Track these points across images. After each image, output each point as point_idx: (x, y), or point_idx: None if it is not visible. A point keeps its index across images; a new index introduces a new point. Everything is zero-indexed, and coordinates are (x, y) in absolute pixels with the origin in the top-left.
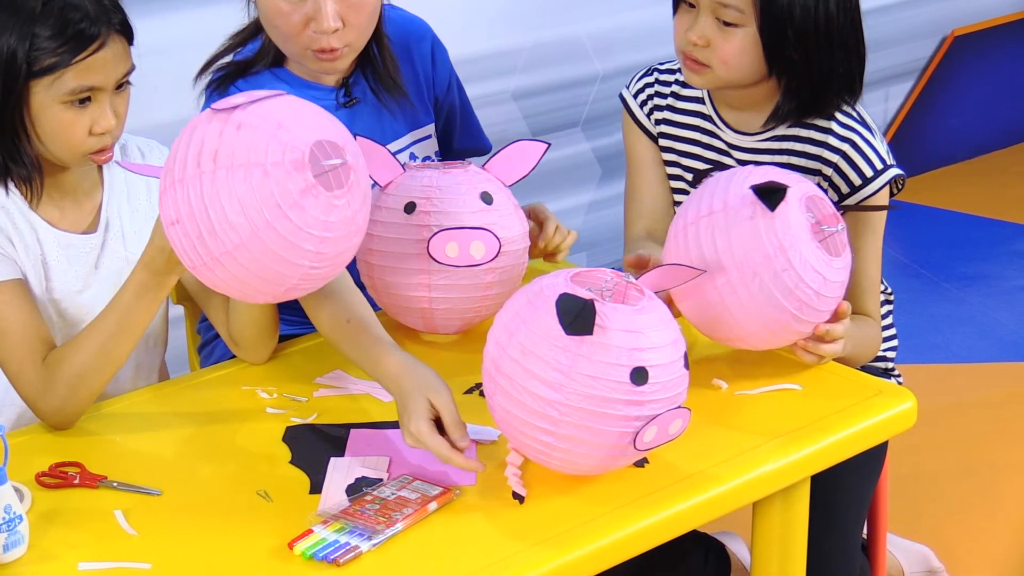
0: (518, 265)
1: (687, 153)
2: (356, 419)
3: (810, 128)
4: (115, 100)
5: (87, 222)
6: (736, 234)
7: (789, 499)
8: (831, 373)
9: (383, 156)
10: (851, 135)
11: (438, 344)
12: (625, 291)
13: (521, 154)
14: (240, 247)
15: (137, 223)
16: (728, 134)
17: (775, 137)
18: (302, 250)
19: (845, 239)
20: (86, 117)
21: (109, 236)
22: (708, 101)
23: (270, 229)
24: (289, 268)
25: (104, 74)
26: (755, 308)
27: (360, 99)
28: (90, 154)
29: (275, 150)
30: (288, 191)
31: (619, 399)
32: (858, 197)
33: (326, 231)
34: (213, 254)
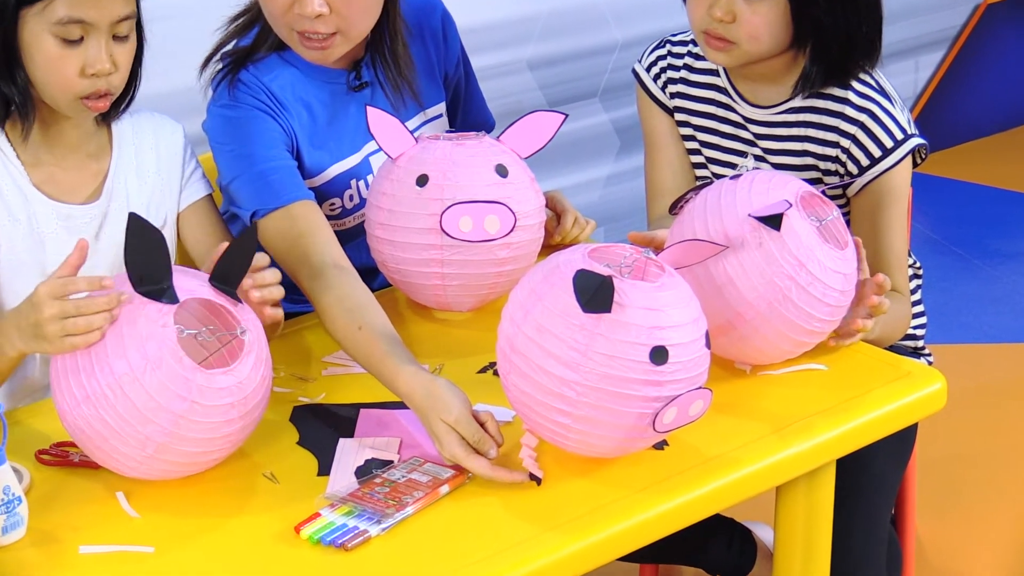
0: (534, 240)
1: (703, 127)
2: (366, 399)
3: (827, 99)
4: (115, 48)
5: (90, 190)
6: (751, 265)
7: (814, 483)
8: (858, 353)
9: (395, 127)
10: (869, 105)
11: (451, 322)
12: (644, 267)
13: (537, 126)
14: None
15: (145, 196)
16: (744, 108)
17: (792, 110)
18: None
19: (843, 223)
20: (78, 55)
21: (112, 207)
22: (723, 74)
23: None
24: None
25: (97, 9)
26: (788, 329)
27: (371, 82)
28: (83, 98)
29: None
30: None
31: (638, 379)
32: (878, 169)
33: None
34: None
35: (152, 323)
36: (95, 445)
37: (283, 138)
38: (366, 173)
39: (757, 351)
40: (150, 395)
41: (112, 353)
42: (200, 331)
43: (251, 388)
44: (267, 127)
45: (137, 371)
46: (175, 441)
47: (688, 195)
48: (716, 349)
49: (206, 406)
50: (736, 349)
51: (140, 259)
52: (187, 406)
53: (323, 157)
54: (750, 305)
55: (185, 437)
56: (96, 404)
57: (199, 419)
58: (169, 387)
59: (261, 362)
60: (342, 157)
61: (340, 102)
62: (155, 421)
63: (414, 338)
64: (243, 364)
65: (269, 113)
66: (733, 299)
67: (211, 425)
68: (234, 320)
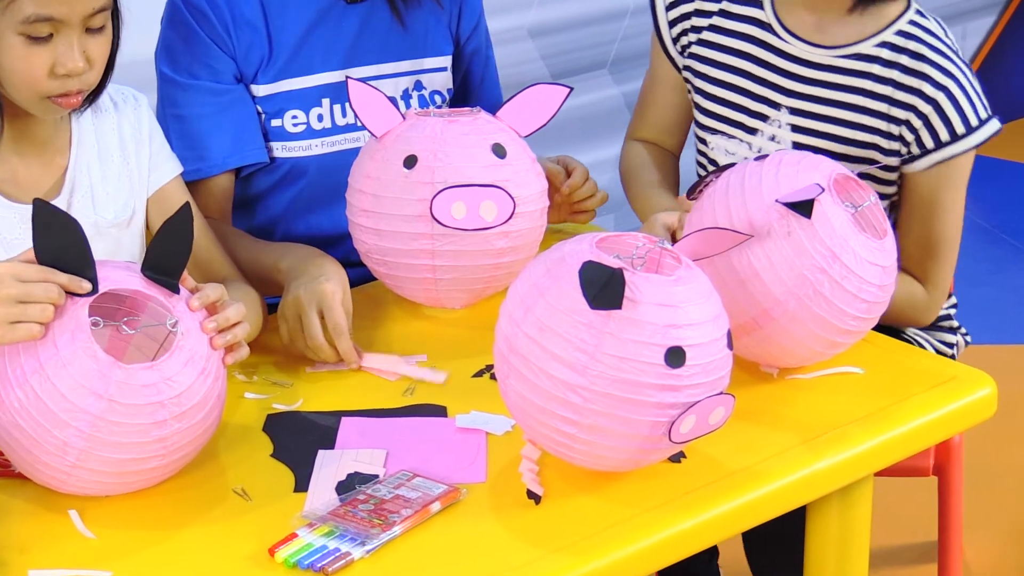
0: (535, 228)
1: (734, 68)
2: (348, 406)
3: (901, 52)
4: (87, 42)
5: (49, 184)
6: (778, 256)
7: (848, 500)
8: (898, 355)
9: (379, 102)
10: (948, 82)
11: (443, 320)
12: (659, 259)
13: (539, 100)
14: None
15: (110, 184)
16: (795, 45)
17: (857, 56)
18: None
19: (880, 210)
20: (47, 54)
21: (76, 199)
22: (769, 5)
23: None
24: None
25: (68, 5)
26: (820, 327)
27: (369, 0)
28: (51, 98)
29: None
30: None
31: (652, 383)
32: (945, 153)
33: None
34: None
35: (66, 316)
36: (21, 457)
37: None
38: (345, 98)
39: (785, 352)
40: (62, 395)
41: (23, 350)
42: (120, 323)
43: (184, 386)
44: (207, 55)
45: (48, 368)
46: (97, 446)
47: (708, 178)
48: (739, 350)
49: (127, 405)
50: (761, 350)
51: (50, 246)
52: (104, 405)
53: (295, 64)
54: (777, 301)
55: (107, 441)
56: (11, 409)
57: (120, 419)
58: (83, 384)
59: (199, 360)
60: (318, 71)
61: (329, 11)
62: (71, 424)
63: (401, 338)
64: (172, 359)
65: (214, 36)
66: (758, 294)
67: (136, 428)
68: (165, 311)
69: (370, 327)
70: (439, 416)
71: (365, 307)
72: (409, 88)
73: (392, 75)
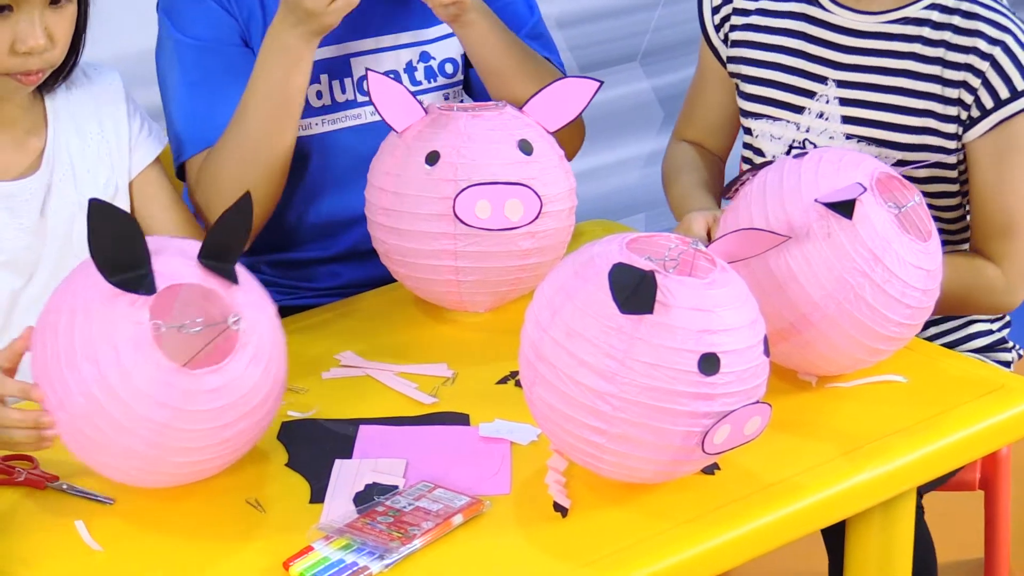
0: (563, 229)
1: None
2: (367, 414)
3: (952, 13)
4: (50, 18)
5: (26, 164)
6: (817, 259)
7: (890, 515)
8: (942, 362)
9: (400, 95)
10: (1003, 36)
11: (466, 324)
12: (692, 261)
13: (567, 94)
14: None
15: (90, 162)
16: (842, 15)
17: (906, 20)
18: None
19: (925, 210)
20: (7, 30)
21: (56, 177)
22: None
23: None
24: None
25: None
26: (861, 334)
27: None
28: (12, 75)
29: None
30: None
31: (685, 391)
32: (1007, 111)
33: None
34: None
35: (125, 319)
36: (83, 456)
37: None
38: (344, 74)
39: (824, 359)
40: (126, 403)
41: (82, 354)
42: (184, 324)
43: (249, 386)
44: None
45: (110, 376)
46: (164, 452)
47: (744, 176)
48: (776, 357)
49: (193, 411)
50: (800, 357)
51: (107, 245)
52: (170, 413)
53: None
54: (816, 306)
55: (174, 447)
56: (71, 413)
57: (187, 426)
58: (147, 394)
59: (263, 354)
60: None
61: None
62: (137, 432)
63: (423, 343)
64: (236, 360)
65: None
66: (796, 298)
67: (203, 432)
68: (227, 306)
69: (389, 331)
70: (461, 424)
71: (384, 310)
72: (413, 60)
73: (393, 47)
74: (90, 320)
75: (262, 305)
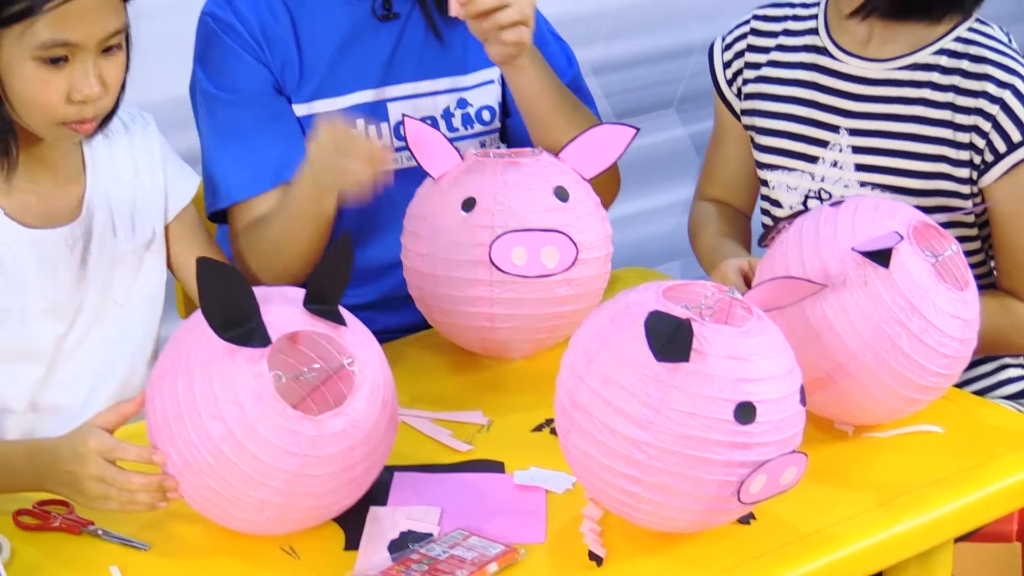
0: (599, 276)
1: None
2: (402, 460)
3: (960, 58)
4: (103, 65)
5: (66, 211)
6: (854, 308)
7: (928, 567)
8: (980, 412)
9: (436, 141)
10: (1013, 79)
11: (501, 370)
12: (729, 309)
13: (603, 141)
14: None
15: (127, 207)
16: (852, 64)
17: (915, 66)
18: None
19: (962, 259)
20: (62, 79)
21: (95, 224)
22: (823, 29)
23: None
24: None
25: (83, 28)
26: (898, 383)
27: (403, 15)
28: (67, 124)
29: None
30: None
31: (721, 440)
32: (1019, 155)
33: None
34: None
35: (245, 374)
36: (210, 513)
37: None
38: (380, 118)
39: (861, 409)
40: (256, 456)
41: (206, 414)
42: (301, 372)
43: (371, 423)
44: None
45: (237, 432)
46: (295, 500)
47: (780, 225)
48: (812, 406)
49: (322, 457)
50: (836, 406)
51: (219, 302)
52: (300, 461)
53: (329, 84)
54: (853, 355)
55: (305, 494)
56: (200, 472)
57: (316, 471)
58: (275, 444)
59: (378, 390)
60: (351, 90)
61: (362, 29)
62: (268, 484)
63: (457, 389)
64: (356, 399)
65: (248, 49)
66: (833, 347)
67: (331, 475)
68: (338, 349)
69: (424, 378)
70: (496, 472)
71: (419, 357)
72: (451, 107)
73: (430, 93)
74: (209, 378)
75: (368, 343)
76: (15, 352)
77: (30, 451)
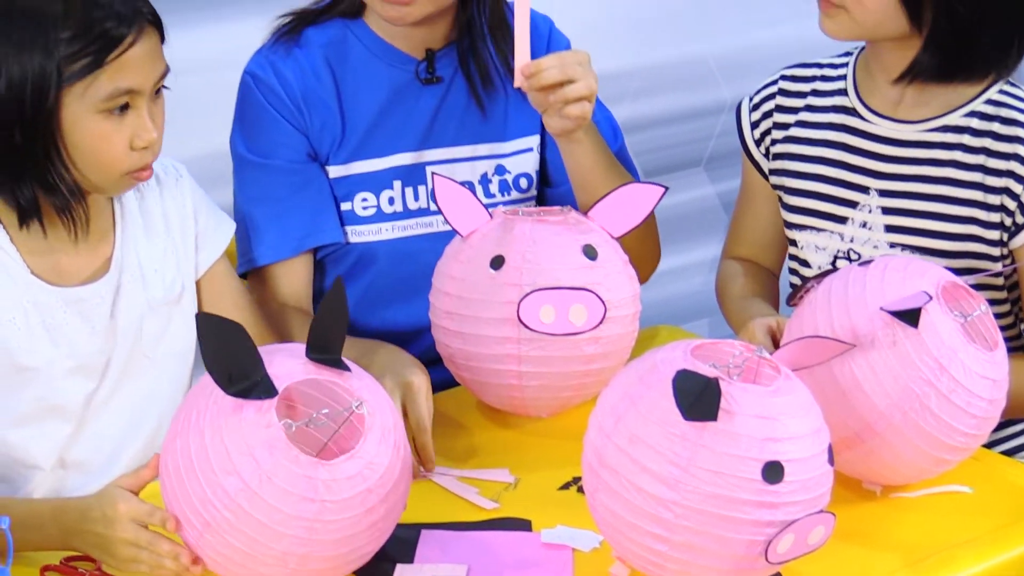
0: (626, 334)
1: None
2: (428, 518)
3: (992, 120)
4: (152, 108)
5: (96, 267)
6: (882, 368)
7: None
8: (1009, 472)
9: (465, 199)
10: None
11: (529, 428)
12: (757, 368)
13: (632, 199)
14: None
15: (157, 262)
16: (882, 125)
17: (946, 128)
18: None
19: (991, 319)
20: (126, 128)
21: (124, 279)
22: (852, 89)
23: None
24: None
25: (141, 74)
26: (926, 443)
27: (446, 79)
28: (130, 173)
29: None
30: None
31: (748, 500)
32: None
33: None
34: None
35: (255, 426)
36: (235, 572)
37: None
38: (418, 181)
39: (889, 469)
40: (274, 507)
41: (220, 470)
42: (310, 418)
43: (385, 465)
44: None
45: (253, 484)
46: (317, 548)
47: (809, 284)
48: (840, 466)
49: (339, 501)
50: (864, 466)
51: (222, 358)
52: (318, 508)
53: (368, 146)
54: (881, 414)
55: (326, 541)
56: (220, 530)
57: (335, 516)
58: (292, 492)
59: (389, 433)
60: (390, 152)
61: (404, 92)
62: (288, 533)
63: (484, 447)
64: (368, 442)
65: (286, 113)
66: (861, 407)
67: (351, 520)
68: (346, 393)
69: (452, 435)
70: (523, 530)
71: (446, 413)
72: (488, 172)
73: (469, 158)
74: (220, 435)
75: (374, 387)
76: (45, 410)
77: (57, 511)
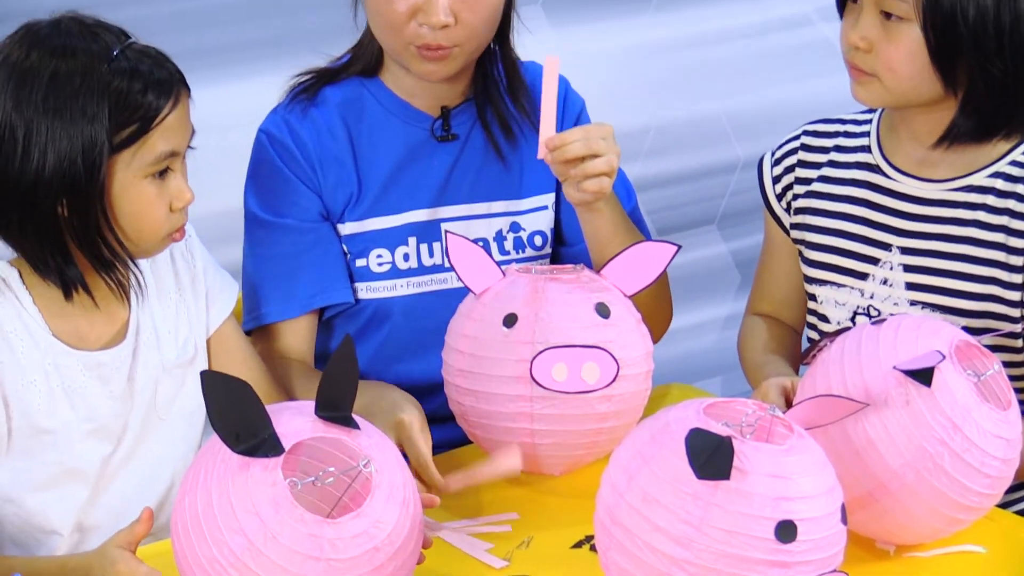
0: (639, 392)
1: (839, 231)
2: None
3: (1016, 181)
4: (183, 168)
5: (113, 332)
6: (896, 427)
7: None
8: (1022, 530)
9: (478, 257)
10: None
11: (541, 486)
12: (770, 427)
13: (645, 257)
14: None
15: (170, 323)
16: (906, 183)
17: (970, 188)
18: None
19: (1005, 378)
20: (167, 191)
21: (141, 342)
22: (876, 146)
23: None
24: None
25: (182, 134)
26: (940, 503)
27: (462, 136)
28: (170, 235)
29: None
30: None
31: (761, 559)
32: None
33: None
34: None
35: (260, 484)
36: None
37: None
38: (433, 238)
39: (902, 528)
40: (280, 566)
41: (226, 528)
42: (317, 476)
43: (392, 524)
44: (294, 197)
45: (258, 542)
46: None
47: (822, 343)
48: (854, 525)
49: (345, 560)
50: (877, 525)
51: (228, 416)
52: (323, 566)
53: (383, 202)
54: (894, 474)
55: None
56: None
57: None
58: (298, 551)
59: (397, 492)
60: (405, 209)
61: (420, 149)
62: None
63: (496, 505)
64: (375, 501)
65: (299, 173)
66: (874, 466)
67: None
68: (353, 452)
69: (463, 492)
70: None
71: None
72: (503, 230)
73: (485, 215)
74: (226, 493)
75: (384, 445)
76: (63, 474)
77: (60, 569)
